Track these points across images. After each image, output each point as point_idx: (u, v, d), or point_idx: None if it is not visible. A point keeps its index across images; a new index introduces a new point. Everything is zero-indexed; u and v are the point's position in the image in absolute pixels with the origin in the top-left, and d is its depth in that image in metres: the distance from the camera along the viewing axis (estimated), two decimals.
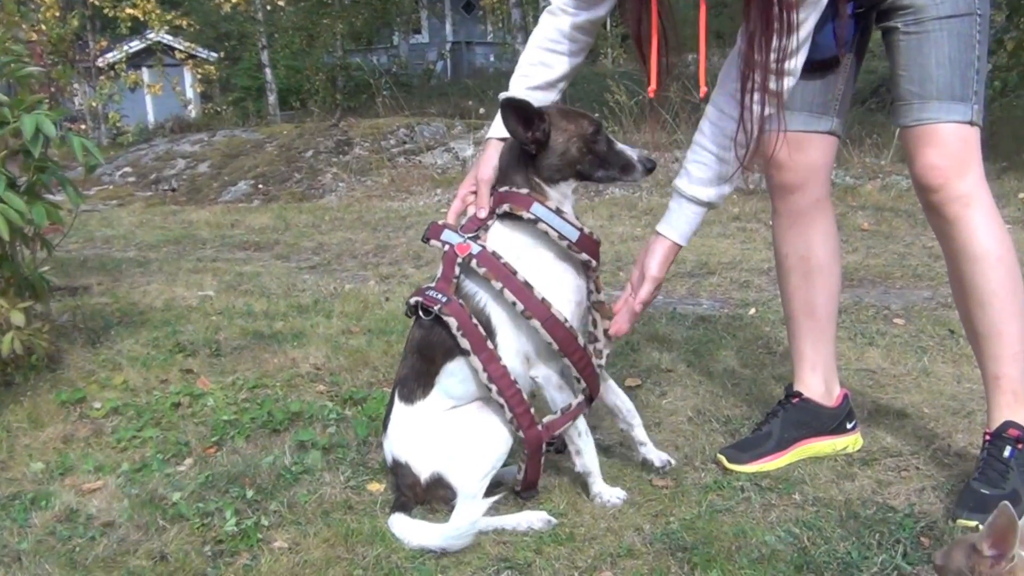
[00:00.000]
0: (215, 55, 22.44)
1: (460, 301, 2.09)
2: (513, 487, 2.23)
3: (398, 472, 2.14)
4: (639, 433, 2.35)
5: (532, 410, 2.13)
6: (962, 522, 2.04)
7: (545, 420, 2.16)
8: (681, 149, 9.20)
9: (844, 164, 8.53)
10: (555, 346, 2.08)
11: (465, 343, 2.05)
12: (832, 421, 2.50)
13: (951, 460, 2.42)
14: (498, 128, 2.20)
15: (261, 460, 2.51)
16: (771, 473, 2.36)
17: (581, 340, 2.12)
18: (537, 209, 2.07)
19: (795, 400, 2.51)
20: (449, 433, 2.10)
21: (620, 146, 2.15)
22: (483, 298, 2.10)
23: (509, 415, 2.10)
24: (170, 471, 2.49)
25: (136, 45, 21.04)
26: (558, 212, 2.08)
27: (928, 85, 2.13)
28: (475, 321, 2.07)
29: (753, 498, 2.22)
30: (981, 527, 1.46)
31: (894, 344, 3.50)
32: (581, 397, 2.17)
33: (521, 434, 2.13)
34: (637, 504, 2.19)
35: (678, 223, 2.19)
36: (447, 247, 2.16)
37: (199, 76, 20.07)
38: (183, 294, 4.74)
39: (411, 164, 10.28)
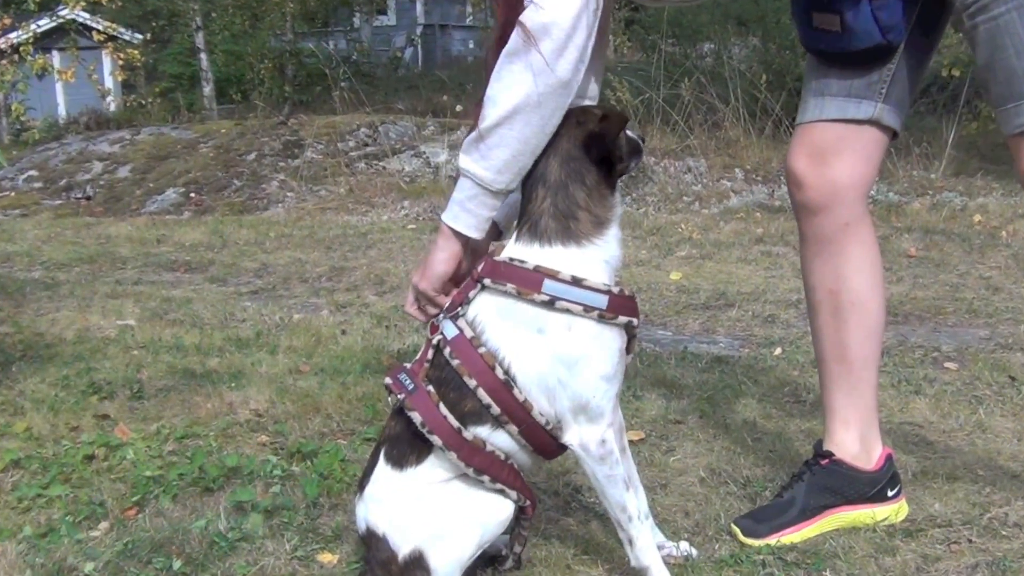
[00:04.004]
0: (140, 37, 22.46)
1: (430, 388, 2.09)
2: (505, 559, 2.25)
3: (371, 545, 2.15)
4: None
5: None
6: None
7: None
8: (694, 157, 9.29)
9: (888, 178, 8.63)
10: (530, 448, 2.12)
11: (436, 439, 2.06)
12: (869, 487, 2.52)
13: (1009, 532, 2.45)
14: (463, 219, 2.17)
15: (191, 524, 2.51)
16: (798, 545, 2.38)
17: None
18: (550, 287, 2.05)
19: (824, 461, 2.53)
20: (442, 508, 2.11)
21: (627, 132, 2.21)
22: (503, 355, 2.08)
23: (514, 495, 2.13)
24: (82, 537, 2.49)
25: (46, 24, 21.04)
26: (575, 281, 2.06)
27: (1016, 82, 2.14)
28: (444, 413, 2.06)
29: (776, 575, 2.24)
30: None
31: (944, 393, 3.53)
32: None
33: (526, 503, 2.16)
34: None
35: (455, 205, 2.16)
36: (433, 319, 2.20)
37: (120, 62, 20.05)
38: (99, 323, 4.74)
39: (373, 171, 10.30)
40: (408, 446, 2.12)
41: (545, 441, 2.11)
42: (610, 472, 2.12)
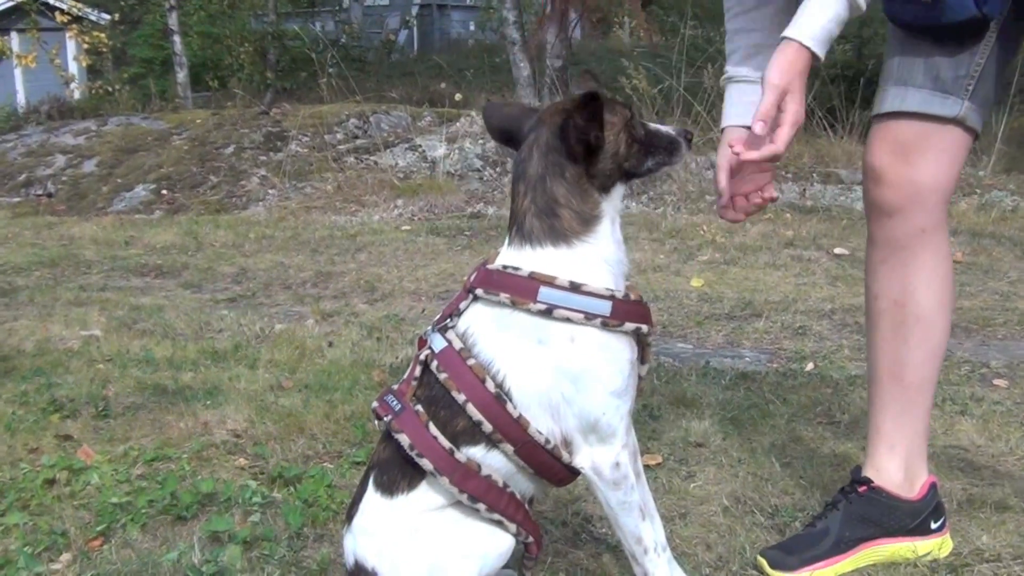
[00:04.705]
0: (107, 17, 22.50)
1: (418, 408, 2.10)
2: None
3: None
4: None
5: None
6: None
7: None
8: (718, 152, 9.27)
9: None
10: (530, 470, 2.12)
11: (425, 463, 2.06)
12: (911, 518, 2.52)
13: None
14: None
15: (161, 557, 2.52)
16: None
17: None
18: (546, 295, 2.05)
19: (862, 489, 2.53)
20: (437, 540, 2.10)
21: (652, 125, 2.20)
22: (497, 367, 2.09)
23: (513, 528, 2.13)
24: (42, 569, 2.49)
25: (3, 3, 21.11)
26: (573, 287, 2.06)
27: None
28: (434, 433, 2.07)
29: None
30: None
31: (993, 414, 3.53)
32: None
33: (530, 540, 2.16)
34: None
35: (804, 21, 2.18)
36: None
37: (86, 45, 20.08)
38: (61, 334, 4.75)
39: (364, 166, 10.31)
40: (399, 471, 2.12)
41: (545, 462, 2.10)
42: (624, 499, 2.13)
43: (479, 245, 7.19)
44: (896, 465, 2.54)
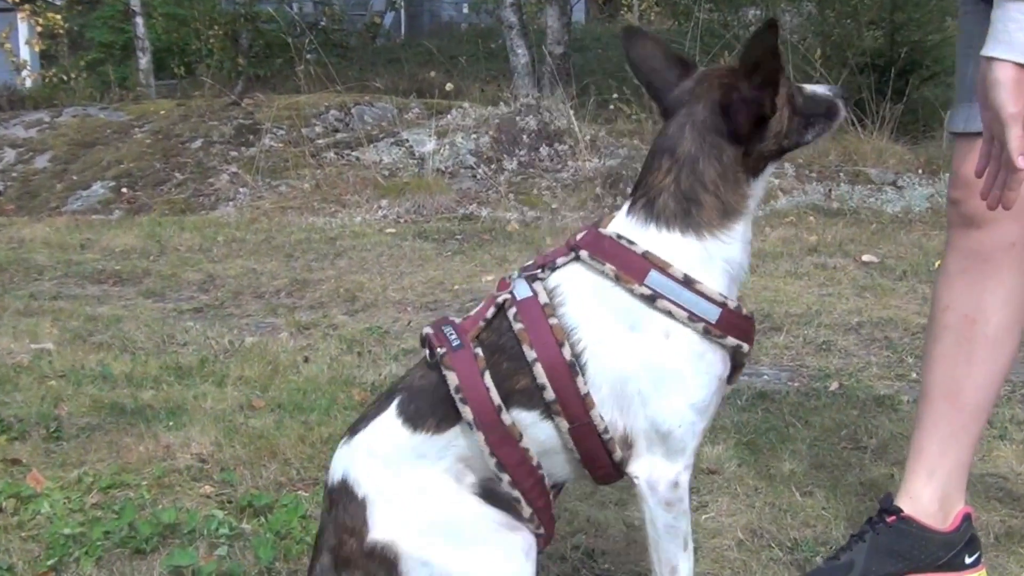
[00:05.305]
0: None
1: (478, 351, 2.09)
2: None
3: (339, 502, 2.11)
4: None
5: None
6: None
7: None
8: None
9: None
10: (576, 455, 2.11)
11: (467, 412, 2.05)
12: (944, 551, 2.52)
13: None
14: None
15: None
16: None
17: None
18: (655, 280, 2.07)
19: (891, 519, 2.54)
20: (443, 528, 2.08)
21: (808, 88, 2.18)
22: (579, 336, 2.09)
23: (528, 511, 2.12)
24: None
25: None
26: (686, 281, 2.07)
27: None
28: (488, 384, 2.06)
29: None
30: None
31: None
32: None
33: (541, 530, 2.15)
34: None
35: (1007, 35, 2.11)
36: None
37: (39, 28, 20.10)
38: (9, 347, 4.74)
39: (345, 162, 10.30)
40: (430, 407, 2.10)
41: (597, 452, 2.10)
42: (674, 523, 2.13)
43: (471, 250, 7.18)
44: (933, 494, 2.54)
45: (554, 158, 9.64)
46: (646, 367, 2.05)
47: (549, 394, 2.05)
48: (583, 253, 2.10)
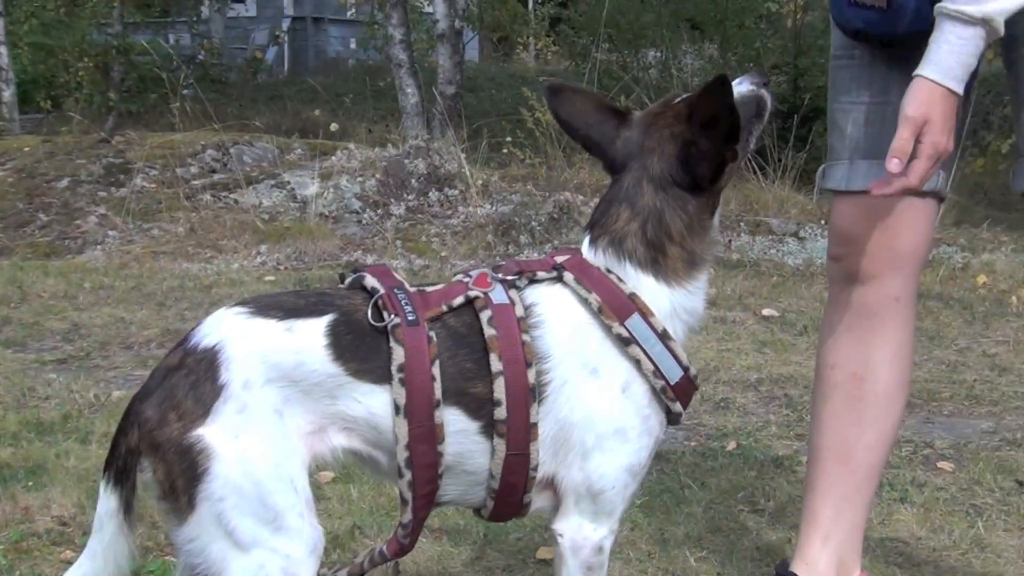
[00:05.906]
0: None
1: (432, 334, 2.05)
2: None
3: (190, 372, 2.03)
4: None
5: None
6: None
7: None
8: None
9: None
10: (495, 483, 2.08)
11: (400, 394, 2.00)
12: None
13: None
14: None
15: None
16: None
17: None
18: (636, 325, 2.07)
19: None
20: (252, 494, 2.02)
21: (734, 92, 2.15)
22: (548, 365, 2.08)
23: (408, 517, 2.09)
24: None
25: None
26: (663, 336, 2.08)
27: None
28: (435, 374, 2.02)
29: None
30: None
31: (936, 501, 3.58)
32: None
33: (407, 541, 2.13)
34: None
35: (938, 56, 2.19)
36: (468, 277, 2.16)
37: None
38: None
39: (222, 205, 10.23)
40: (363, 351, 2.04)
41: (516, 487, 2.09)
42: None
43: None
44: (829, 559, 2.58)
45: (444, 203, 9.67)
46: (595, 420, 2.07)
47: (501, 412, 2.03)
48: (568, 276, 2.11)
